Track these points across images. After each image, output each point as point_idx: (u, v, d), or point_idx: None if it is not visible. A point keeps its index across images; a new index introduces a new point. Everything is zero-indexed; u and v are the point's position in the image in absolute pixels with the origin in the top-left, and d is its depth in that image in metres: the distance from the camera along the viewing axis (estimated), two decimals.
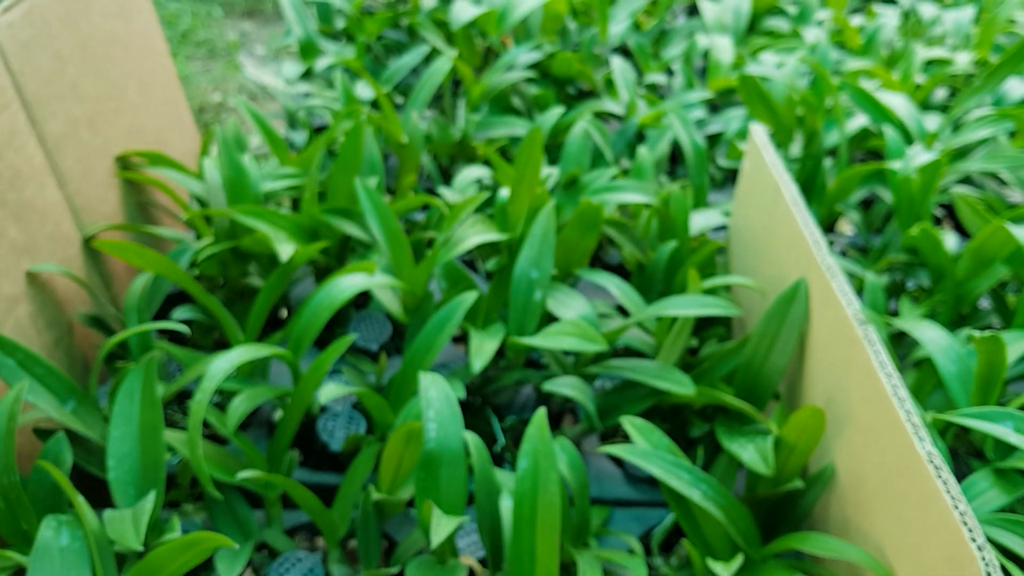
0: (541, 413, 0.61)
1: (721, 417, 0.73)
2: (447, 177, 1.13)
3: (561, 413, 0.83)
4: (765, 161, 0.82)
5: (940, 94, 1.24)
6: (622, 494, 0.75)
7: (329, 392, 0.64)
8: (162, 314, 0.85)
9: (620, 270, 1.01)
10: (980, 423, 0.52)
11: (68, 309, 0.78)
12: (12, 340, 0.66)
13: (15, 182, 0.72)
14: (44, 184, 0.76)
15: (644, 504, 0.75)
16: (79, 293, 0.80)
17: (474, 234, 0.79)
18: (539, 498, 0.58)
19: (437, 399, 0.64)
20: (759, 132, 0.86)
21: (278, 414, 0.78)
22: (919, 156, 0.86)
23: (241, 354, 0.65)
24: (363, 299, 0.91)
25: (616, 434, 0.81)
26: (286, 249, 0.74)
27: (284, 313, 0.95)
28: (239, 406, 0.68)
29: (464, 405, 0.75)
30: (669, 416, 0.78)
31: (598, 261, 1.03)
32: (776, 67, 1.18)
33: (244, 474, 0.62)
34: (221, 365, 0.64)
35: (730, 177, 1.16)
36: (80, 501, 0.55)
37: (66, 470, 0.63)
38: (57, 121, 0.79)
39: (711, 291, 0.83)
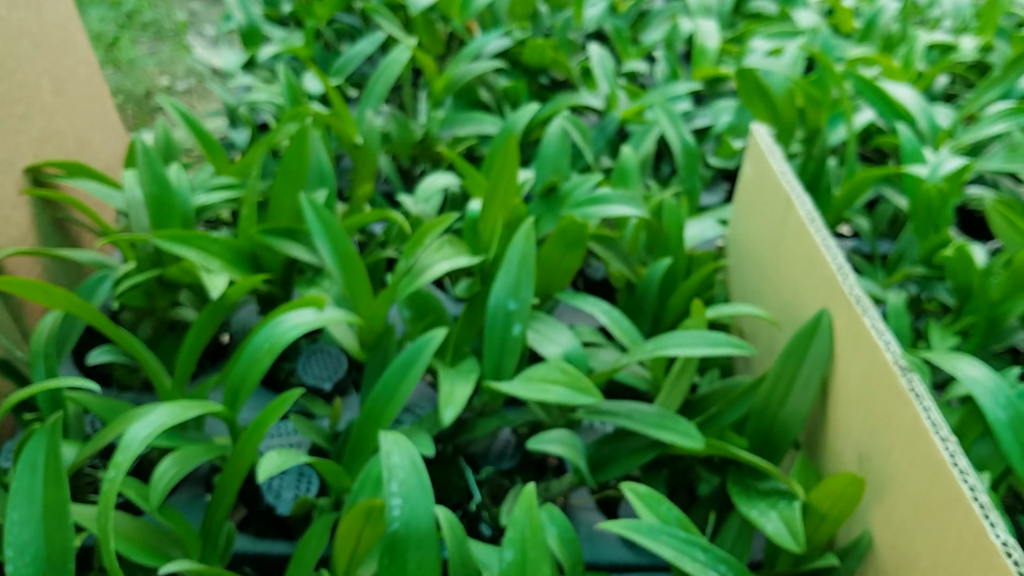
0: (529, 492, 0.51)
1: (733, 471, 0.62)
2: (408, 180, 1.01)
3: (544, 461, 0.73)
4: (772, 168, 0.72)
5: (941, 81, 1.15)
6: (619, 558, 0.65)
7: (270, 466, 0.53)
8: (80, 351, 0.73)
9: (605, 286, 0.90)
10: None
11: None
12: None
13: None
14: None
15: (645, 569, 0.65)
16: None
17: (441, 259, 0.68)
18: None
19: (401, 467, 0.53)
20: (762, 133, 0.76)
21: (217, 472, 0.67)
22: (946, 163, 0.76)
23: (164, 416, 0.54)
24: (315, 330, 0.80)
25: (608, 485, 0.71)
26: (218, 284, 0.63)
27: (227, 338, 0.84)
28: (165, 474, 0.57)
29: (433, 456, 0.65)
30: (669, 464, 0.68)
31: (580, 276, 0.92)
32: (770, 54, 1.08)
33: (170, 567, 0.51)
34: (139, 432, 0.53)
35: (720, 176, 1.06)
36: None
37: None
38: None
39: (715, 320, 0.73)
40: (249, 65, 1.10)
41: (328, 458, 0.67)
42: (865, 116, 0.97)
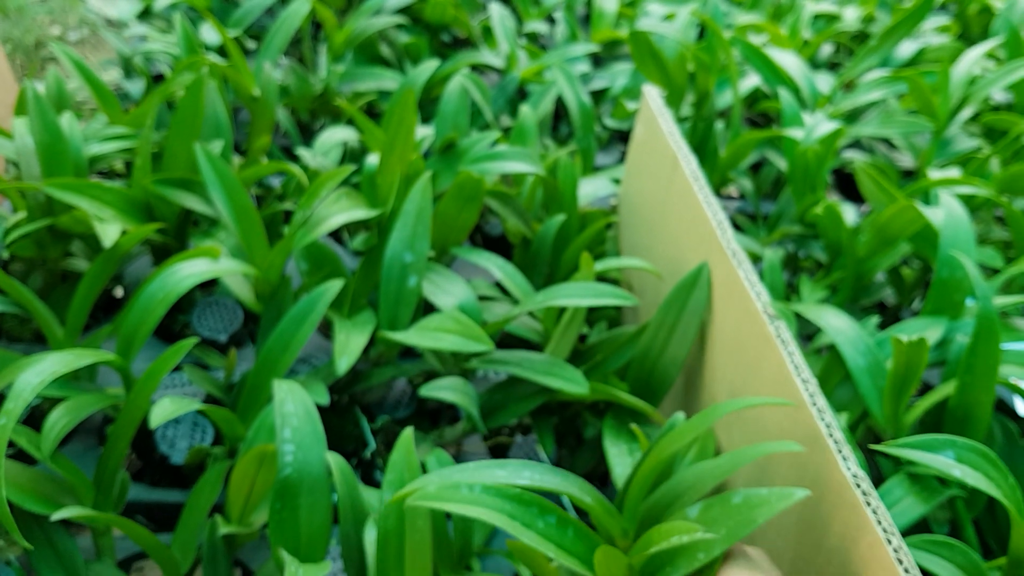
0: (407, 435, 0.53)
1: (613, 412, 0.66)
2: (307, 134, 1.01)
3: (439, 410, 0.75)
4: (661, 129, 0.75)
5: (826, 50, 1.20)
6: None
7: (162, 413, 0.54)
8: None
9: (502, 242, 0.93)
10: (921, 454, 0.47)
11: None
12: None
13: None
14: None
15: None
16: None
17: (339, 211, 0.69)
18: (407, 536, 0.50)
19: (295, 415, 0.55)
20: (653, 95, 0.79)
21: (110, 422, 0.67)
22: (820, 126, 0.80)
23: (56, 363, 0.54)
24: (210, 282, 0.80)
25: (500, 432, 0.74)
26: (110, 232, 0.62)
27: (120, 292, 0.83)
28: (57, 422, 0.57)
29: (329, 405, 0.66)
30: (558, 411, 0.71)
31: (478, 231, 0.94)
32: (664, 19, 1.11)
33: (62, 513, 0.52)
34: (30, 380, 0.53)
35: (616, 137, 1.09)
36: None
37: None
38: None
39: (604, 274, 0.76)
40: (145, 14, 1.08)
41: (223, 407, 0.68)
42: (752, 81, 1.01)
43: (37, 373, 0.53)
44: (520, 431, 0.76)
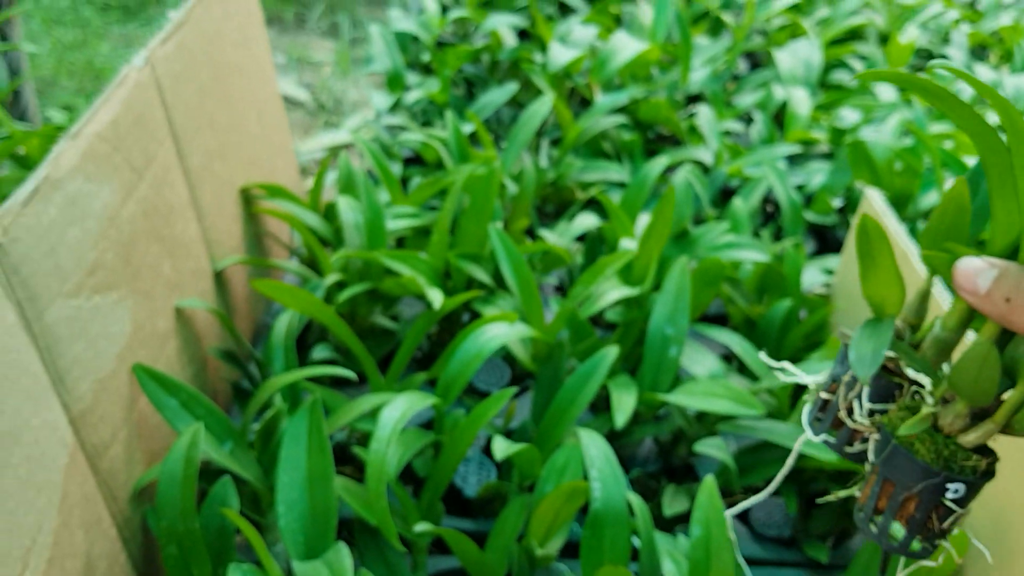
0: (710, 483, 0.63)
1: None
2: (541, 217, 1.14)
3: (682, 468, 0.84)
4: (890, 231, 0.84)
5: None
6: (750, 552, 0.76)
7: (502, 447, 0.65)
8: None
9: (722, 320, 1.02)
10: None
11: (204, 343, 0.78)
12: (175, 380, 0.66)
13: (169, 217, 0.72)
14: (188, 219, 0.77)
15: (773, 564, 0.76)
16: (211, 327, 0.80)
17: (610, 288, 0.80)
18: (712, 566, 0.59)
19: (599, 458, 0.65)
20: (876, 197, 0.88)
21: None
22: None
23: (407, 403, 0.66)
24: None
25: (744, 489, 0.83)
26: (436, 296, 0.75)
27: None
28: (396, 455, 0.69)
29: None
30: (795, 476, 0.79)
31: None
32: (860, 124, 1.21)
33: (422, 527, 0.63)
34: (392, 415, 0.64)
35: (811, 231, 1.18)
36: (266, 553, 0.55)
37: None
38: (198, 155, 0.79)
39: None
40: (395, 107, 1.23)
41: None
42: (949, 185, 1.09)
43: (396, 409, 0.65)
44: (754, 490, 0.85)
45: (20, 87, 1.30)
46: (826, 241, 1.16)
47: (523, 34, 1.47)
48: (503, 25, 1.34)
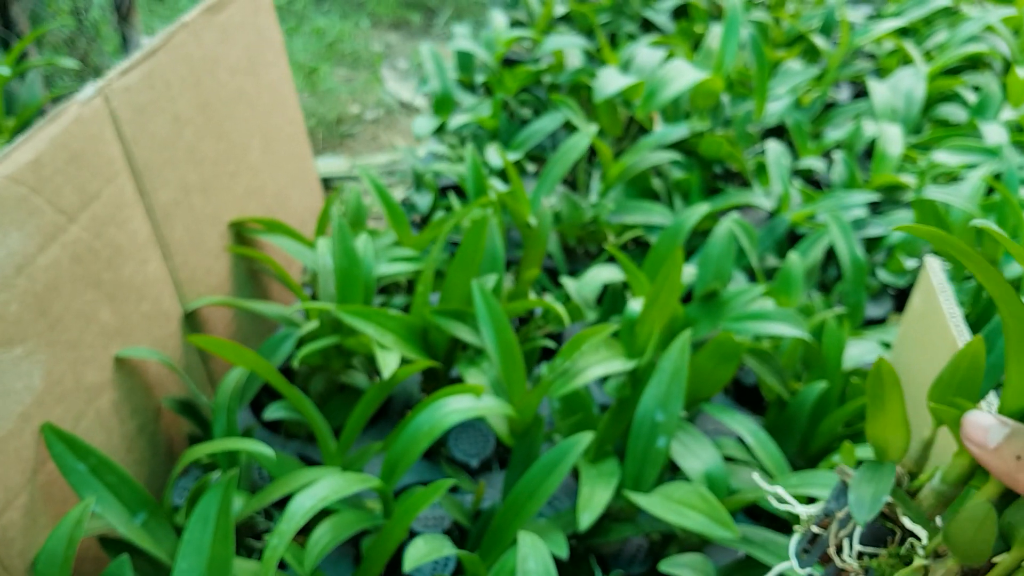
0: None
1: None
2: (572, 258, 1.04)
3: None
4: (942, 309, 0.71)
5: None
6: None
7: (417, 555, 0.57)
8: (257, 404, 0.80)
9: (755, 393, 0.90)
10: None
11: (158, 392, 0.74)
12: (85, 443, 0.61)
13: (113, 260, 0.67)
14: (147, 259, 0.72)
15: None
16: (170, 375, 0.75)
17: (597, 362, 0.71)
18: None
19: (535, 572, 0.56)
20: (936, 268, 0.75)
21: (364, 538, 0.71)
22: None
23: (327, 490, 0.59)
24: None
25: None
26: (390, 363, 0.67)
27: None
28: (320, 539, 0.61)
29: (567, 558, 0.67)
30: None
31: (732, 379, 0.93)
32: (954, 170, 1.05)
33: None
34: (304, 503, 0.58)
35: (885, 291, 1.04)
36: None
37: None
38: (169, 189, 0.74)
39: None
40: (440, 130, 1.16)
41: (468, 536, 0.70)
42: None
43: (310, 497, 0.58)
44: None
45: None
46: (902, 306, 1.02)
47: (595, 55, 1.38)
48: (569, 46, 1.25)
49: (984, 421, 0.37)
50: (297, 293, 0.80)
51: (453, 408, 0.66)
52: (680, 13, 1.53)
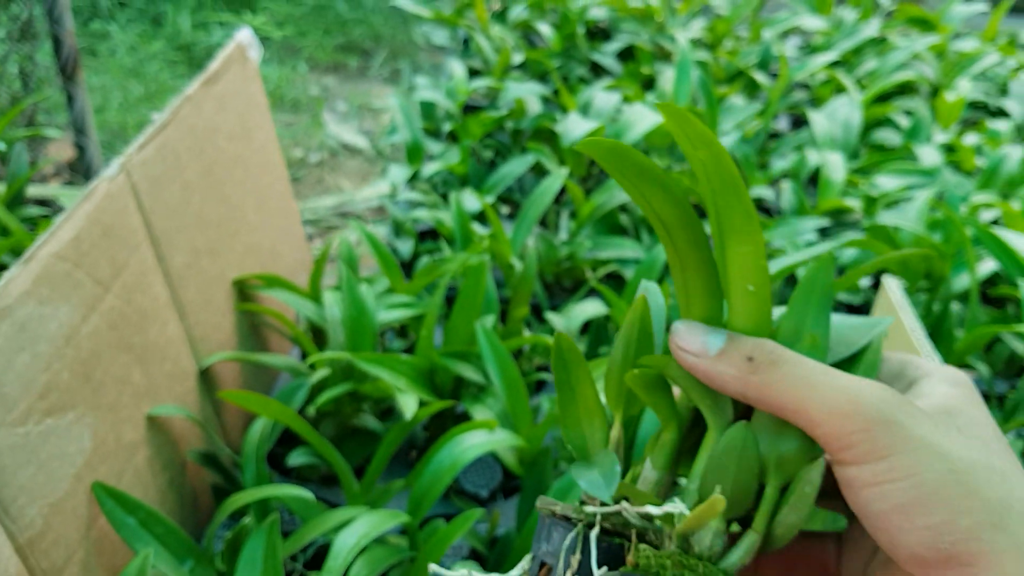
0: None
1: None
2: (552, 293, 1.11)
3: None
4: (904, 326, 0.78)
5: None
6: None
7: None
8: (275, 451, 0.84)
9: None
10: None
11: (182, 447, 0.77)
12: (134, 498, 0.65)
13: (141, 324, 0.71)
14: (167, 321, 0.76)
15: None
16: (192, 429, 0.79)
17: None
18: None
19: None
20: (893, 287, 0.83)
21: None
22: None
23: (367, 527, 0.64)
24: None
25: None
26: (410, 405, 0.72)
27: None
28: (359, 574, 0.66)
29: None
30: None
31: None
32: (899, 192, 1.15)
33: None
34: (348, 541, 0.62)
35: (840, 310, 1.12)
36: None
37: None
38: (182, 253, 0.79)
39: None
40: (412, 179, 1.22)
41: (487, 562, 0.75)
42: (989, 266, 1.02)
43: (353, 535, 0.63)
44: None
45: (84, 144, 1.33)
46: None
47: (552, 99, 1.45)
48: (529, 93, 1.32)
49: (698, 328, 0.33)
50: (305, 344, 0.85)
51: (471, 444, 0.71)
52: (625, 55, 1.62)
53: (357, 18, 2.88)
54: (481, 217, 1.14)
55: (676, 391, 0.36)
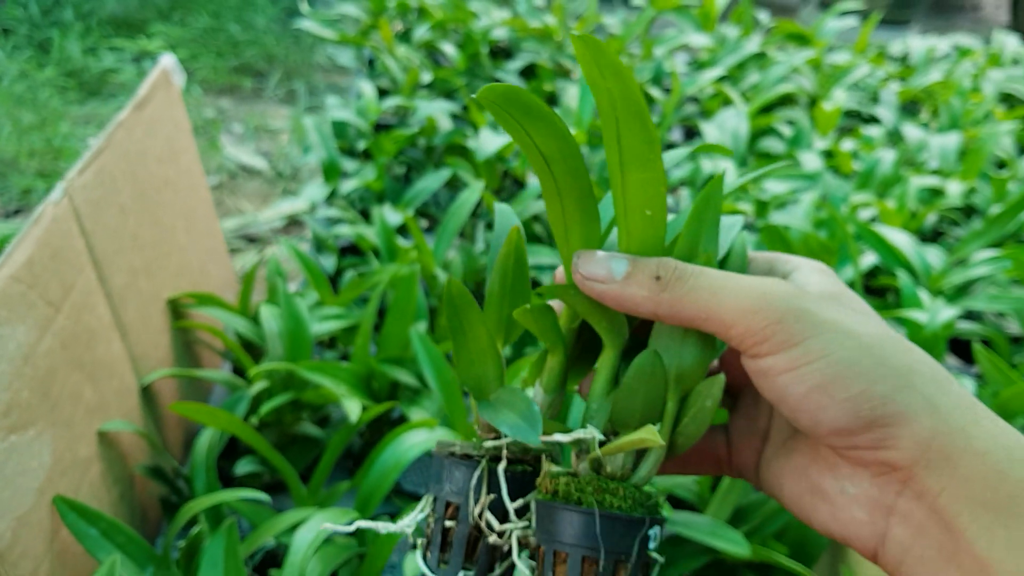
0: None
1: (772, 574, 0.76)
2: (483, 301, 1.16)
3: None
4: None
5: (931, 218, 1.32)
6: None
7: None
8: (218, 464, 0.87)
9: None
10: None
11: (130, 462, 0.80)
12: (95, 509, 0.67)
13: (90, 343, 0.74)
14: (111, 339, 0.78)
15: None
16: (138, 443, 0.81)
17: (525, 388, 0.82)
18: None
19: None
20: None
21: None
22: (941, 312, 0.91)
23: (321, 524, 0.67)
24: None
25: None
26: (354, 408, 0.77)
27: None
28: (314, 571, 0.70)
29: None
30: (716, 568, 0.81)
31: None
32: (784, 195, 1.24)
33: None
34: (307, 536, 0.66)
35: None
36: None
37: None
38: (121, 274, 0.81)
39: None
40: (331, 197, 1.25)
41: None
42: (870, 259, 1.12)
43: (310, 531, 0.67)
44: None
45: None
46: None
47: (461, 116, 1.51)
48: (439, 111, 1.37)
49: (600, 256, 0.34)
50: (241, 357, 0.88)
51: (413, 442, 0.76)
52: (527, 73, 1.69)
53: (249, 39, 2.88)
54: (402, 230, 1.18)
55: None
